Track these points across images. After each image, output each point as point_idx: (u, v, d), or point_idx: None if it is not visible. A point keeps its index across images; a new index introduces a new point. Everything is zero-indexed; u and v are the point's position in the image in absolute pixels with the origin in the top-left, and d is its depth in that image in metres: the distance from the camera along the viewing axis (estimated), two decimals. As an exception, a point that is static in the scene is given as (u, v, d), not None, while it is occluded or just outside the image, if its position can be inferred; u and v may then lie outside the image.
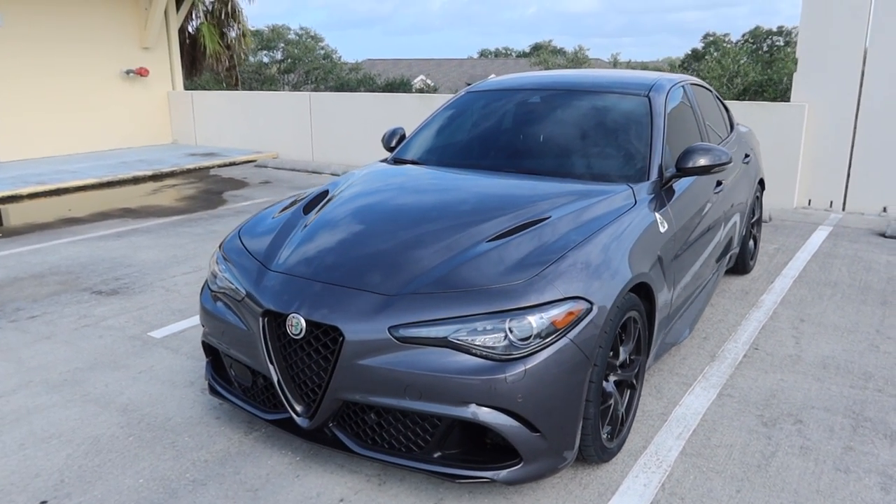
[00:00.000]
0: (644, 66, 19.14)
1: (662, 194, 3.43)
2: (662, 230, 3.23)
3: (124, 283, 5.30)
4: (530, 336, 2.38)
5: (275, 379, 2.65)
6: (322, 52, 37.46)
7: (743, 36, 32.67)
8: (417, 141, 4.27)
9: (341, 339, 2.48)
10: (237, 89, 19.14)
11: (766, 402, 3.37)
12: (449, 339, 2.39)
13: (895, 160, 7.44)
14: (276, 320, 2.66)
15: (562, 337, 2.42)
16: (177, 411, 3.27)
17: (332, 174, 10.70)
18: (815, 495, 2.63)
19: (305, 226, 3.09)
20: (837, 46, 7.57)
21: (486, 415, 2.36)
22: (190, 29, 17.45)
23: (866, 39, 7.49)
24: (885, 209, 7.57)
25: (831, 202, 7.85)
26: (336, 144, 11.81)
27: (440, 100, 10.73)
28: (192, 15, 17.17)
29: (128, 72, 13.45)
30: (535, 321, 2.39)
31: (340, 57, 39.99)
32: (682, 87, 4.29)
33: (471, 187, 3.41)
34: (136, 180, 10.41)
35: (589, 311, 2.51)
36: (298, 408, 2.65)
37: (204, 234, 6.91)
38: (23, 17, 11.81)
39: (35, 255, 6.16)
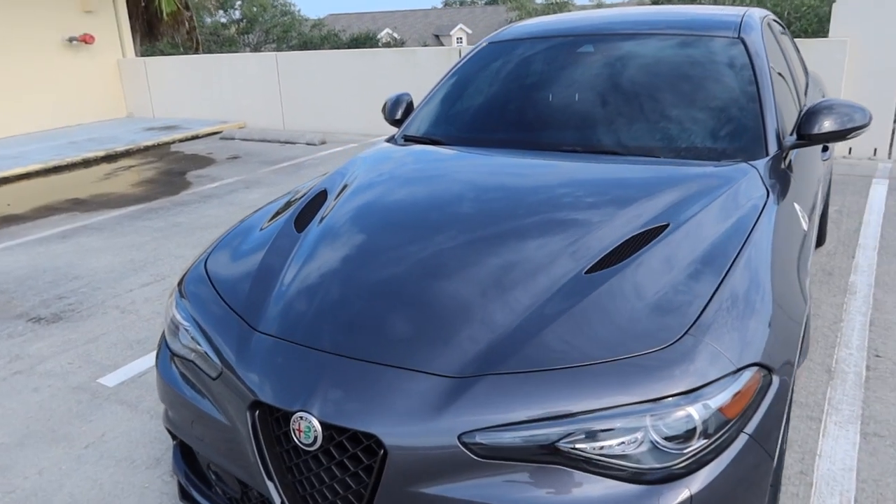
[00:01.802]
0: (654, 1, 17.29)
1: (787, 173, 2.51)
2: (805, 227, 2.33)
3: (69, 303, 4.28)
4: (690, 436, 1.48)
5: (277, 502, 1.73)
6: (280, 7, 35.45)
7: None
8: (433, 112, 3.26)
9: (381, 451, 1.56)
10: (199, 53, 17.65)
11: (931, 443, 2.53)
12: (558, 447, 1.48)
13: (949, 99, 6.59)
14: (273, 415, 1.72)
15: (738, 432, 1.53)
16: (138, 514, 2.34)
17: (308, 143, 9.60)
18: None
19: (304, 255, 2.11)
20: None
21: None
22: (140, -12, 15.86)
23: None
24: None
25: (875, 150, 7.01)
26: (310, 110, 10.67)
27: (424, 55, 9.63)
28: (139, -29, 15.56)
29: (70, 39, 12.05)
30: (697, 412, 1.48)
31: (300, 11, 38.03)
32: (768, 23, 3.33)
33: (530, 182, 2.43)
34: (86, 163, 9.22)
35: (769, 384, 1.61)
36: None
37: (166, 228, 5.87)
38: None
39: (-39, 268, 5.10)
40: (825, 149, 3.30)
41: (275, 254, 2.16)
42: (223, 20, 33.27)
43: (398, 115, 3.47)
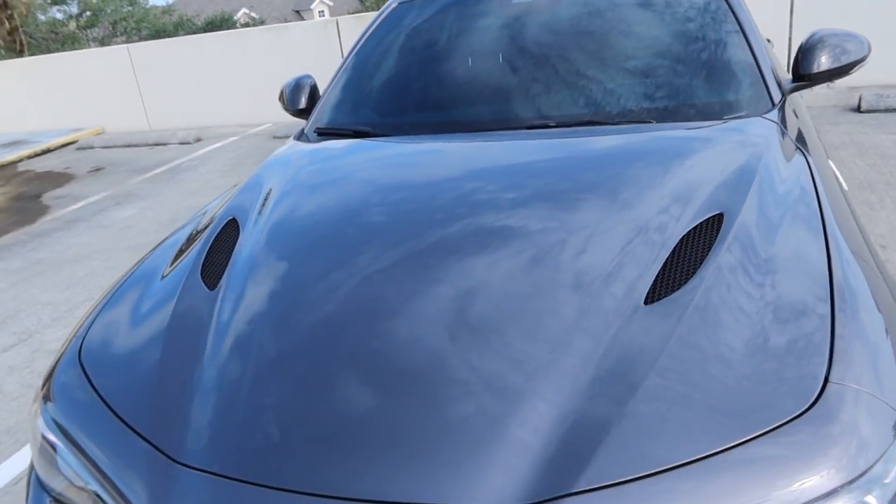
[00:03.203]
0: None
1: (798, 123, 2.11)
2: (846, 187, 1.92)
3: None
4: None
5: None
6: (123, -4, 32.60)
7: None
8: (348, 96, 2.61)
9: None
10: (24, 55, 15.66)
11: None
12: None
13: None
14: None
15: None
16: None
17: (182, 143, 8.59)
18: None
19: (229, 330, 1.41)
20: None
21: None
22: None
23: None
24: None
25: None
26: (177, 105, 9.59)
27: (298, 32, 8.80)
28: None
29: None
30: (877, 494, 1.01)
31: (148, 1, 35.14)
32: None
33: (516, 178, 1.80)
34: (-85, 198, 7.82)
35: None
36: None
37: (25, 269, 4.89)
38: None
39: None
40: None
41: (184, 330, 1.49)
42: (59, 16, 30.27)
43: (302, 104, 2.81)
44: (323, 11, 47.35)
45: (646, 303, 1.26)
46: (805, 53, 2.19)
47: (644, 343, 1.18)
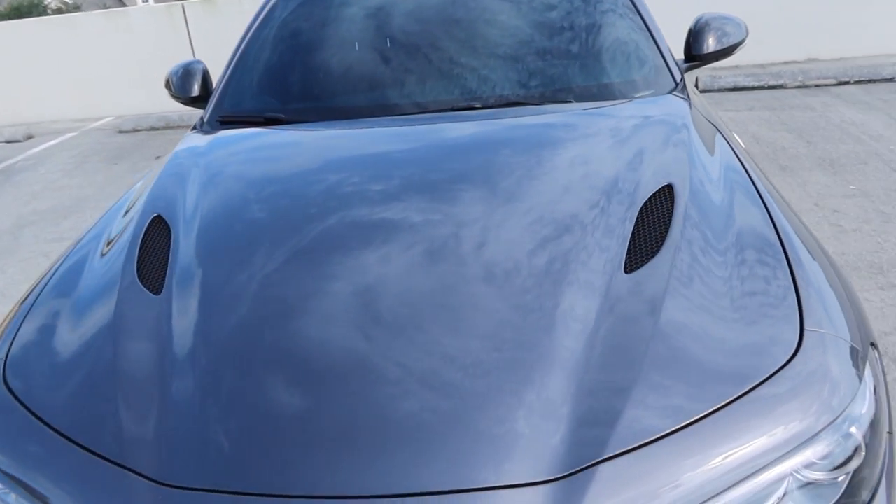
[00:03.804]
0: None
1: (697, 100, 2.28)
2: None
3: None
4: (853, 454, 1.12)
5: None
6: None
7: None
8: (249, 83, 2.48)
9: None
10: None
11: None
12: None
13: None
14: None
15: (885, 433, 1.21)
16: None
17: (9, 141, 7.72)
18: None
19: (190, 335, 1.29)
20: None
21: None
22: None
23: None
24: None
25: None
26: (-3, 99, 8.60)
27: (138, 17, 8.18)
28: None
29: None
30: (858, 424, 1.13)
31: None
32: None
33: (462, 157, 1.79)
34: None
35: (879, 359, 1.31)
36: None
37: None
38: None
39: None
40: None
41: (135, 340, 1.35)
42: None
43: (195, 91, 2.64)
44: (147, -3, 44.69)
45: (626, 272, 1.32)
46: (696, 36, 2.38)
47: (635, 310, 1.24)
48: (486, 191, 1.59)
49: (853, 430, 1.11)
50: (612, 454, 1.03)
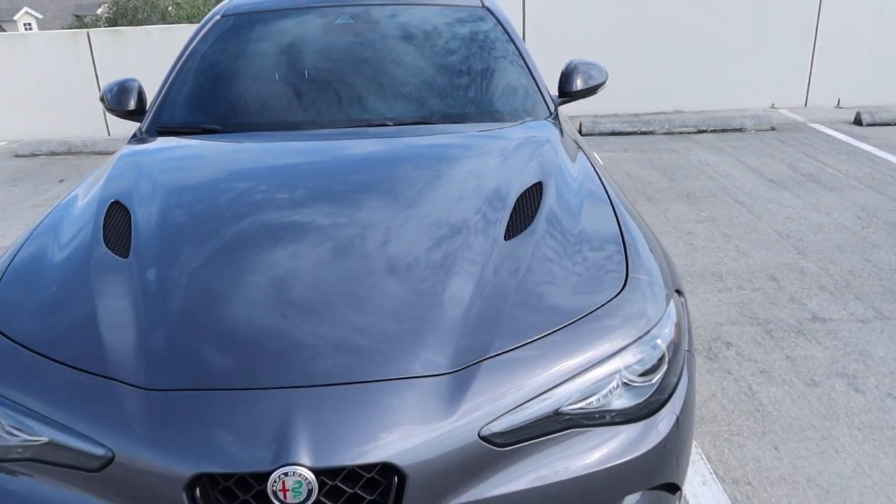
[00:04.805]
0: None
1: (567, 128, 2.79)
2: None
3: None
4: (661, 364, 1.58)
5: None
6: None
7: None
8: (183, 98, 2.80)
9: (395, 479, 1.35)
10: None
11: None
12: (562, 411, 1.46)
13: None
14: (222, 485, 1.35)
15: (680, 350, 1.68)
16: None
17: None
18: None
19: (162, 279, 1.66)
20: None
21: None
22: None
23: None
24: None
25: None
26: None
27: (42, 42, 8.14)
28: None
29: None
30: (663, 340, 1.60)
31: None
32: None
33: (369, 168, 2.21)
34: None
35: (684, 304, 1.80)
36: None
37: None
38: None
39: None
40: None
41: (110, 284, 1.66)
42: None
43: (131, 105, 2.92)
44: (30, 24, 43.44)
45: (506, 239, 1.76)
46: (566, 77, 2.92)
47: (513, 261, 1.68)
48: (388, 198, 1.98)
49: (658, 341, 1.57)
50: (485, 357, 1.45)
